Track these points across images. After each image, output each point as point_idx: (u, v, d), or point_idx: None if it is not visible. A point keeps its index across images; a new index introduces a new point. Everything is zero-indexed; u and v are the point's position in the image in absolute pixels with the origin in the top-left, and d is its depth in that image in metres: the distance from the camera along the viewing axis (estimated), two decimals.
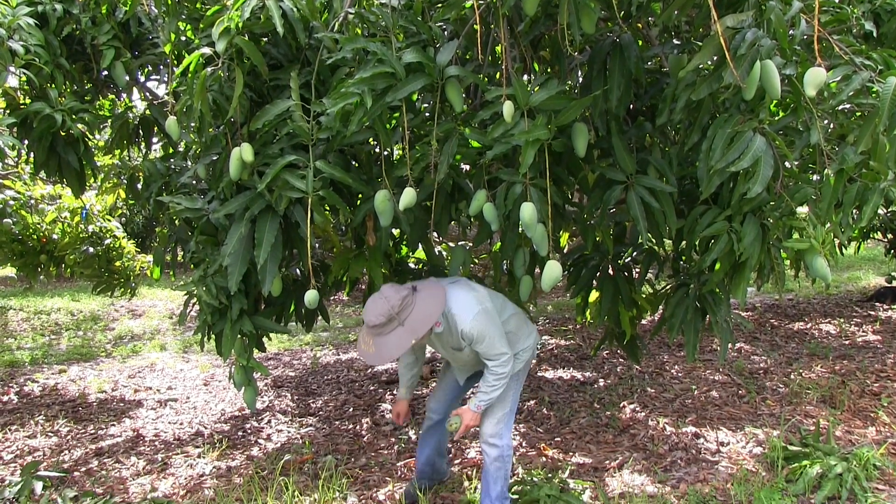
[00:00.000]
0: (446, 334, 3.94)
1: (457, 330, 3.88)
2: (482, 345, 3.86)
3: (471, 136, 3.89)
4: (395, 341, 3.70)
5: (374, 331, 3.73)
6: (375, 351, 3.74)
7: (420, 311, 3.77)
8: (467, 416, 3.99)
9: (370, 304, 3.77)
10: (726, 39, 3.18)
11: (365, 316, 3.77)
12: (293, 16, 3.88)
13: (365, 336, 3.84)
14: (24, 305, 13.42)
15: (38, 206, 8.03)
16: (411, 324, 3.72)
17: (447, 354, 4.20)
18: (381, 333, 3.72)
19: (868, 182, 3.58)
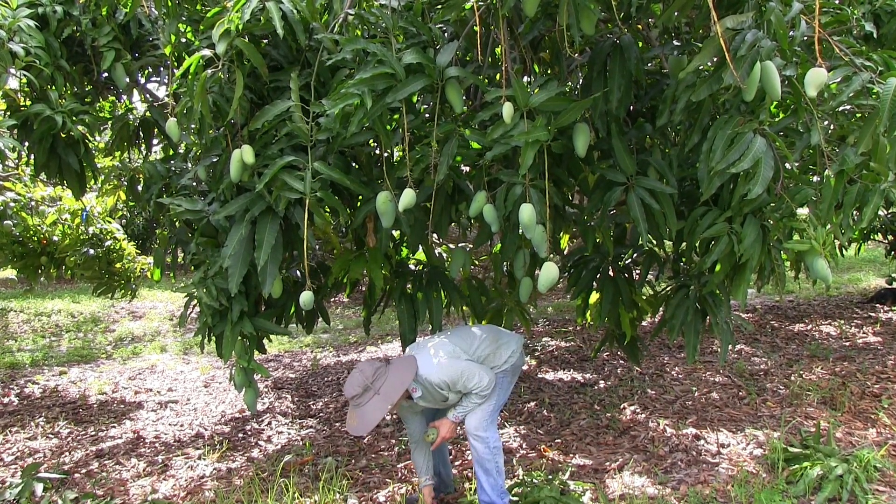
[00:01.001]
0: (427, 395, 4.13)
1: (432, 386, 4.07)
2: (461, 383, 4.07)
3: (471, 138, 3.89)
4: (372, 408, 3.94)
5: (353, 402, 4.00)
6: (358, 422, 3.98)
7: (393, 378, 4.02)
8: (445, 428, 4.17)
9: (349, 380, 4.04)
10: (726, 40, 3.18)
11: (345, 391, 4.06)
12: (293, 17, 3.88)
13: (350, 411, 4.09)
14: (25, 307, 13.42)
15: (39, 208, 8.03)
16: (386, 391, 3.96)
17: (430, 412, 4.44)
18: (360, 405, 3.97)
19: (868, 183, 3.58)
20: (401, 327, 5.10)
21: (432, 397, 4.14)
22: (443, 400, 4.15)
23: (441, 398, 4.13)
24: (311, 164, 3.94)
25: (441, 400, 4.15)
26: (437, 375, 4.06)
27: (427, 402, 4.17)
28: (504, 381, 4.33)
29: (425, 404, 4.21)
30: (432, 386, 4.07)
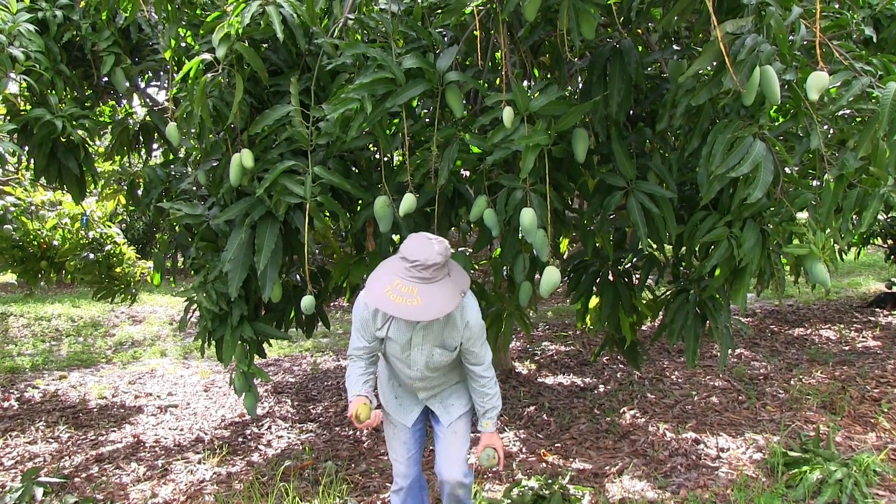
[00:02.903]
0: (441, 324, 3.31)
1: (461, 319, 3.32)
2: (479, 343, 3.40)
3: (471, 142, 3.89)
4: (448, 291, 3.09)
5: (427, 273, 3.02)
6: (423, 303, 3.00)
7: (459, 269, 3.32)
8: (497, 442, 3.56)
9: (419, 244, 3.08)
10: (726, 45, 3.19)
11: (415, 254, 3.04)
12: (293, 22, 3.89)
13: (400, 285, 3.04)
14: (25, 311, 13.40)
15: (39, 213, 8.02)
16: (456, 278, 3.22)
17: (418, 359, 3.40)
18: (433, 280, 3.05)
19: (868, 187, 3.58)
20: None
21: (441, 332, 3.33)
22: (443, 345, 3.36)
23: (448, 339, 3.34)
24: (311, 169, 3.94)
25: (442, 342, 3.35)
26: (476, 315, 3.36)
27: (431, 333, 3.32)
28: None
29: (420, 337, 3.33)
30: (462, 320, 3.33)
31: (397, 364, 3.50)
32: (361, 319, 3.41)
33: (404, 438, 3.72)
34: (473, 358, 3.46)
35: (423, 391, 3.62)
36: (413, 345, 3.37)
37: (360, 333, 3.44)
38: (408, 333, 3.34)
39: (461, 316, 3.33)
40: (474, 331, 3.36)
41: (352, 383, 3.40)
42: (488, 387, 3.52)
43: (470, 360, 3.47)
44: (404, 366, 3.47)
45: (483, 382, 3.50)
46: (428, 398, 3.67)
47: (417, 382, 3.54)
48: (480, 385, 3.52)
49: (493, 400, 3.55)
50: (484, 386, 3.51)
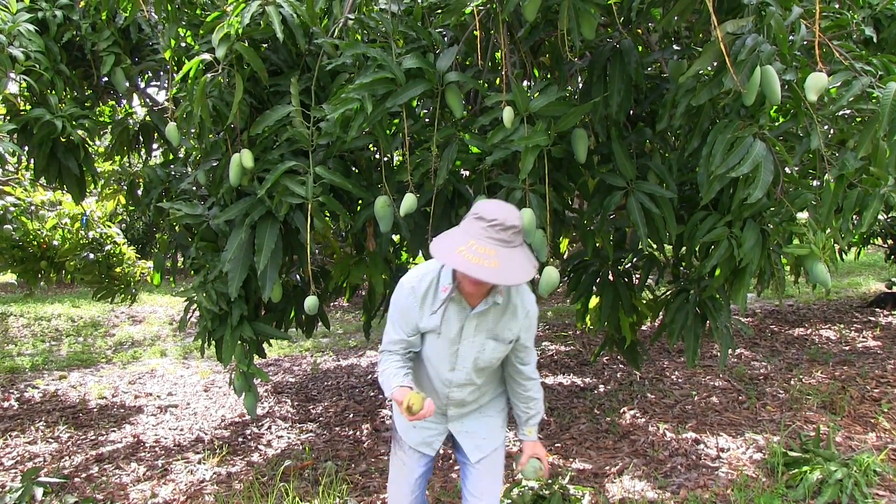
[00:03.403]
0: (498, 313, 2.91)
1: (522, 308, 2.95)
2: (531, 338, 3.07)
3: (471, 142, 3.89)
4: (526, 262, 2.69)
5: (506, 235, 2.62)
6: (501, 266, 2.58)
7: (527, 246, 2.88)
8: (542, 451, 3.21)
9: (495, 205, 2.71)
10: (726, 45, 3.19)
11: (494, 214, 2.64)
12: (293, 22, 3.89)
13: (475, 246, 2.62)
14: (25, 311, 13.40)
15: (39, 213, 8.02)
16: (527, 248, 2.81)
17: (467, 354, 2.96)
18: (511, 244, 2.64)
19: (868, 187, 3.58)
20: None
21: (498, 322, 2.92)
22: (498, 337, 2.94)
23: (504, 331, 2.93)
24: (311, 169, 3.94)
25: (496, 334, 2.94)
26: (534, 305, 3.02)
27: (486, 321, 2.90)
28: None
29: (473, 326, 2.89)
30: (521, 308, 2.95)
31: (436, 365, 3.00)
32: (402, 308, 2.95)
33: (415, 475, 3.26)
34: (525, 355, 3.08)
35: (455, 407, 3.15)
36: (464, 336, 2.90)
37: (400, 325, 2.97)
38: (459, 323, 2.88)
39: (522, 303, 2.95)
40: (533, 322, 3.02)
41: (389, 376, 2.88)
42: (534, 390, 3.17)
43: (520, 358, 3.08)
44: (446, 366, 2.99)
45: (529, 386, 3.14)
46: (457, 418, 3.20)
47: (455, 391, 3.06)
48: (526, 389, 3.15)
49: (538, 405, 3.20)
50: (530, 390, 3.15)
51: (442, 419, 3.22)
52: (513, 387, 3.20)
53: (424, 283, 2.91)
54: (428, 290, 2.91)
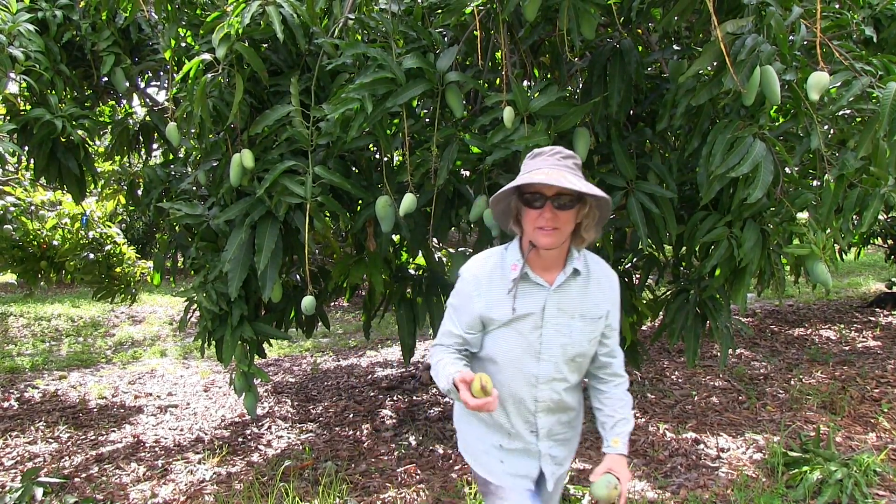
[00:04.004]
0: (580, 285, 2.54)
1: (604, 277, 2.62)
2: (618, 318, 2.70)
3: (471, 142, 3.89)
4: (578, 178, 2.34)
5: (569, 163, 2.40)
6: (572, 182, 2.27)
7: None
8: (625, 470, 2.59)
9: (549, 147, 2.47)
10: (726, 45, 3.19)
11: (547, 148, 2.45)
12: (293, 22, 3.88)
13: (545, 169, 2.35)
14: (25, 311, 13.41)
15: (39, 213, 8.02)
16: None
17: (553, 340, 2.52)
18: (576, 172, 2.39)
19: (868, 187, 3.59)
20: (400, 332, 5.11)
21: (580, 301, 2.54)
22: (583, 314, 2.54)
23: (594, 312, 2.55)
24: (311, 169, 3.94)
25: (581, 312, 2.53)
26: (617, 285, 2.67)
27: (567, 300, 2.52)
28: None
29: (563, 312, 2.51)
30: (601, 289, 2.59)
31: (518, 361, 2.54)
32: (464, 300, 2.57)
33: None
34: (612, 342, 2.68)
35: (545, 414, 2.61)
36: (546, 318, 2.49)
37: (459, 318, 2.59)
38: (539, 303, 2.48)
39: (604, 273, 2.62)
40: (618, 297, 2.66)
41: (445, 365, 2.45)
42: (622, 390, 2.72)
43: (607, 347, 2.67)
44: (531, 358, 2.52)
45: (618, 383, 2.72)
46: (550, 434, 2.67)
47: (543, 389, 2.56)
48: (614, 385, 2.71)
49: (627, 408, 2.70)
50: (619, 386, 2.71)
51: (530, 443, 2.65)
52: (597, 387, 2.74)
53: (488, 266, 2.54)
54: (493, 274, 2.52)
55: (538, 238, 2.38)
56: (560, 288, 2.50)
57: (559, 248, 2.45)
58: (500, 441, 2.67)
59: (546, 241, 2.37)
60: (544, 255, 2.47)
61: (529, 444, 2.65)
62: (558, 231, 2.37)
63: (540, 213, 2.35)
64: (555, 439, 2.68)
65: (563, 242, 2.44)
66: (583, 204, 2.40)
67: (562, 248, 2.47)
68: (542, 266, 2.50)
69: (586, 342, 2.55)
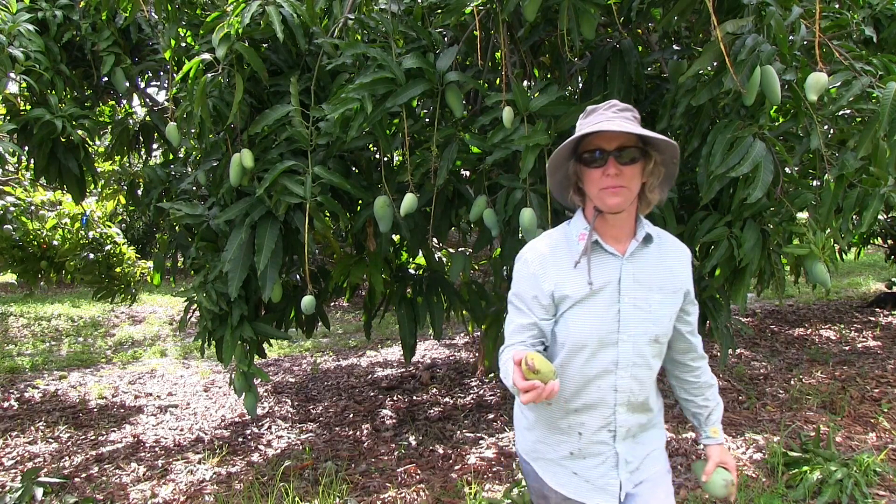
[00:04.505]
0: (654, 254, 2.30)
1: (679, 248, 2.39)
2: (695, 301, 2.43)
3: (471, 142, 3.89)
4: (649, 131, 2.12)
5: (627, 115, 2.18)
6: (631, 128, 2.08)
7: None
8: (731, 459, 2.51)
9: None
10: (726, 45, 3.19)
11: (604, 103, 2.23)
12: (293, 22, 3.88)
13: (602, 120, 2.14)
14: (25, 311, 13.41)
15: (39, 213, 8.03)
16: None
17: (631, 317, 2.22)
18: (634, 123, 2.16)
19: (868, 187, 3.58)
20: (401, 332, 5.11)
21: (654, 275, 2.27)
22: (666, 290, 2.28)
23: (673, 283, 2.30)
24: (310, 169, 3.94)
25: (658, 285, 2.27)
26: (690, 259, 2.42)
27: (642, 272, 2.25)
28: None
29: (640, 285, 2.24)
30: (675, 265, 2.34)
31: (595, 342, 2.22)
32: (530, 281, 2.26)
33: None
34: (693, 318, 2.43)
35: (626, 410, 2.30)
36: (623, 290, 2.21)
37: (527, 304, 2.26)
38: (614, 273, 2.22)
39: (676, 243, 2.39)
40: (690, 273, 2.40)
41: (505, 360, 2.17)
42: (708, 374, 2.51)
43: (688, 324, 2.41)
44: (609, 340, 2.22)
45: (704, 367, 2.49)
46: (629, 435, 2.35)
47: (623, 376, 2.25)
48: (699, 374, 2.49)
49: (715, 393, 2.53)
50: (703, 374, 2.49)
51: (607, 435, 2.32)
52: (683, 376, 2.51)
53: (552, 242, 2.30)
54: (558, 249, 2.28)
55: (604, 200, 2.14)
56: (634, 256, 2.25)
57: (627, 213, 2.22)
58: (569, 447, 2.34)
59: (614, 201, 2.13)
60: (612, 222, 2.23)
61: (605, 448, 2.32)
62: (625, 189, 2.13)
63: (603, 170, 2.13)
64: (634, 442, 2.36)
65: (632, 205, 2.22)
66: (646, 159, 2.19)
67: (630, 213, 2.23)
68: (612, 235, 2.24)
69: (667, 319, 2.27)
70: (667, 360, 2.47)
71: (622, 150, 2.12)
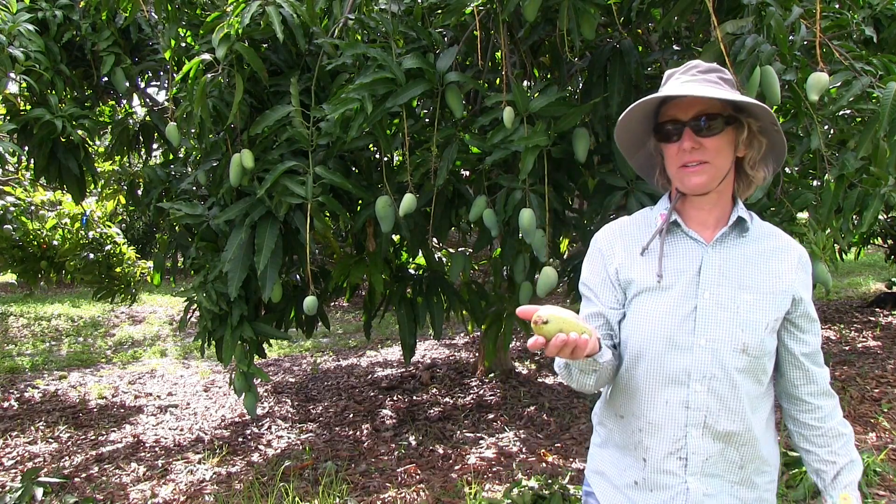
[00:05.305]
0: (749, 247, 1.87)
1: (788, 246, 1.90)
2: (815, 318, 1.90)
3: (471, 142, 3.89)
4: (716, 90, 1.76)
5: (711, 77, 1.82)
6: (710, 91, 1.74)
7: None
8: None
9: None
10: (726, 45, 3.19)
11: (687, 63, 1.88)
12: (293, 22, 3.88)
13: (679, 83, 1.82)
14: (25, 312, 13.41)
15: (39, 213, 8.03)
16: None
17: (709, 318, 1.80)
18: (721, 87, 1.80)
19: (868, 187, 3.58)
20: (401, 332, 5.11)
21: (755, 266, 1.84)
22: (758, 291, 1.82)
23: (768, 285, 1.82)
24: (311, 169, 3.94)
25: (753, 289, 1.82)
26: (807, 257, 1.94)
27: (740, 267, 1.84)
28: None
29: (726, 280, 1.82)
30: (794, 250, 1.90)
31: (663, 345, 1.82)
32: (597, 262, 1.97)
33: None
34: (811, 338, 1.89)
35: (701, 433, 1.82)
36: (703, 284, 1.82)
37: (594, 290, 1.96)
38: (693, 263, 1.85)
39: (787, 241, 1.92)
40: (809, 275, 1.92)
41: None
42: (834, 416, 1.92)
43: (807, 346, 1.89)
44: (682, 342, 1.81)
45: (830, 407, 1.91)
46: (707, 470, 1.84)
47: (697, 391, 1.80)
48: (825, 412, 1.90)
49: (849, 445, 1.92)
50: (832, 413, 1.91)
51: (677, 469, 1.85)
52: (798, 416, 1.94)
53: (626, 220, 2.02)
54: (632, 229, 1.97)
55: (684, 180, 1.82)
56: (721, 243, 1.86)
57: (718, 193, 1.85)
58: (634, 475, 1.91)
59: (694, 181, 1.79)
60: (698, 204, 1.87)
61: (674, 480, 1.85)
62: (708, 165, 1.78)
63: (679, 145, 1.80)
64: (714, 479, 1.83)
65: (725, 185, 1.85)
66: (738, 126, 1.81)
67: (722, 194, 1.86)
68: (699, 220, 1.89)
69: (761, 326, 1.79)
70: (781, 394, 1.97)
71: (700, 119, 1.78)
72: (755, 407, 1.84)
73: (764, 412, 1.89)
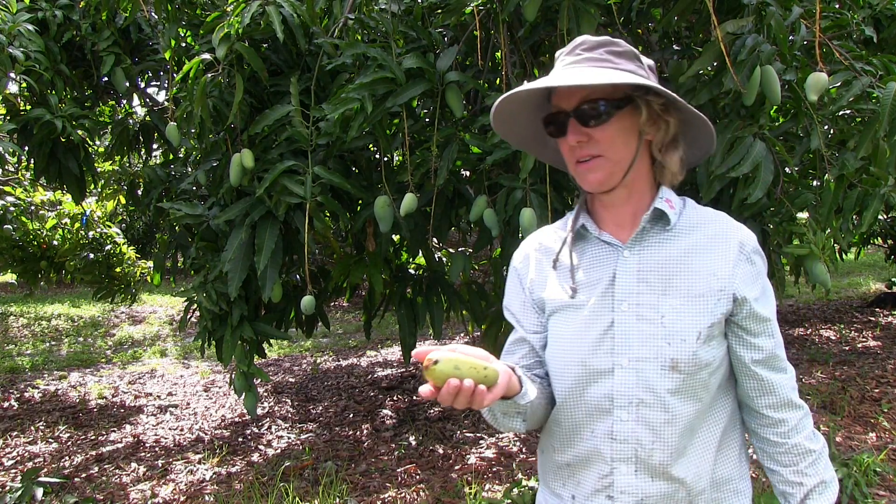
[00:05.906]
0: (674, 242, 1.57)
1: (727, 236, 1.56)
2: (768, 307, 1.61)
3: (471, 142, 3.89)
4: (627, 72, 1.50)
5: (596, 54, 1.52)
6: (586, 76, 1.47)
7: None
8: None
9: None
10: (726, 45, 3.19)
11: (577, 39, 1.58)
12: (293, 22, 3.88)
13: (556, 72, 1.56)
14: (25, 312, 13.41)
15: (39, 213, 8.04)
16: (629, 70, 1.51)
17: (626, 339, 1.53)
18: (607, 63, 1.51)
19: (868, 187, 3.58)
20: (401, 332, 5.11)
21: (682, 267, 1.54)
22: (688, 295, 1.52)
23: (699, 288, 1.52)
24: (311, 169, 3.94)
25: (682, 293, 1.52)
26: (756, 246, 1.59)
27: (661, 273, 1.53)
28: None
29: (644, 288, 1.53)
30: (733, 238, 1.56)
31: (581, 376, 1.56)
32: (511, 281, 1.75)
33: None
34: (768, 347, 1.64)
35: (629, 469, 1.55)
36: (619, 294, 1.55)
37: (515, 314, 1.72)
38: (608, 267, 1.58)
39: (727, 230, 1.58)
40: (761, 271, 1.59)
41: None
42: (805, 428, 1.65)
43: (759, 352, 1.63)
44: (601, 364, 1.54)
45: (794, 422, 1.64)
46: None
47: (622, 419, 1.54)
48: (786, 430, 1.64)
49: (823, 462, 1.64)
50: (797, 427, 1.64)
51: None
52: (759, 431, 1.71)
53: (542, 233, 1.76)
54: (546, 242, 1.71)
55: (580, 178, 1.56)
56: (639, 243, 1.57)
57: (625, 188, 1.57)
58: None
59: (590, 178, 1.54)
60: (608, 203, 1.61)
61: None
62: (602, 159, 1.51)
63: (566, 140, 1.54)
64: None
65: (632, 176, 1.56)
66: (635, 108, 1.51)
67: (634, 188, 1.58)
68: (613, 220, 1.61)
69: (692, 337, 1.50)
70: (741, 404, 1.73)
71: (584, 106, 1.49)
72: (699, 425, 1.58)
73: (715, 427, 1.63)
